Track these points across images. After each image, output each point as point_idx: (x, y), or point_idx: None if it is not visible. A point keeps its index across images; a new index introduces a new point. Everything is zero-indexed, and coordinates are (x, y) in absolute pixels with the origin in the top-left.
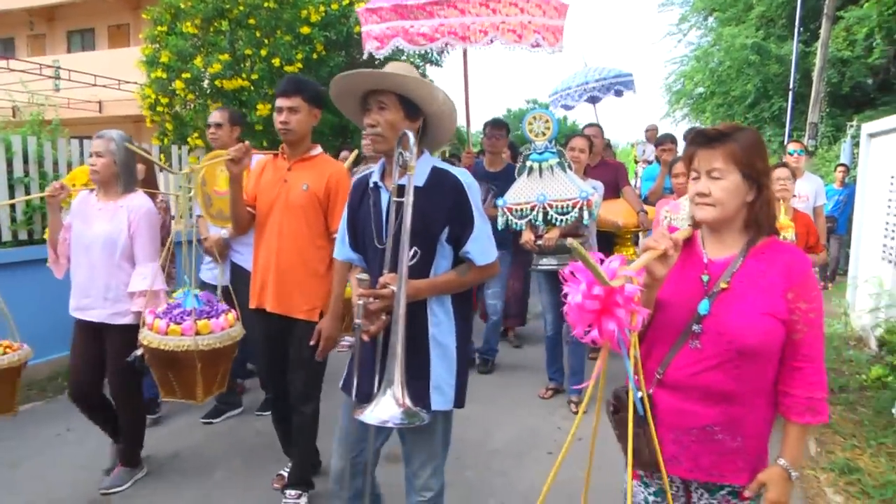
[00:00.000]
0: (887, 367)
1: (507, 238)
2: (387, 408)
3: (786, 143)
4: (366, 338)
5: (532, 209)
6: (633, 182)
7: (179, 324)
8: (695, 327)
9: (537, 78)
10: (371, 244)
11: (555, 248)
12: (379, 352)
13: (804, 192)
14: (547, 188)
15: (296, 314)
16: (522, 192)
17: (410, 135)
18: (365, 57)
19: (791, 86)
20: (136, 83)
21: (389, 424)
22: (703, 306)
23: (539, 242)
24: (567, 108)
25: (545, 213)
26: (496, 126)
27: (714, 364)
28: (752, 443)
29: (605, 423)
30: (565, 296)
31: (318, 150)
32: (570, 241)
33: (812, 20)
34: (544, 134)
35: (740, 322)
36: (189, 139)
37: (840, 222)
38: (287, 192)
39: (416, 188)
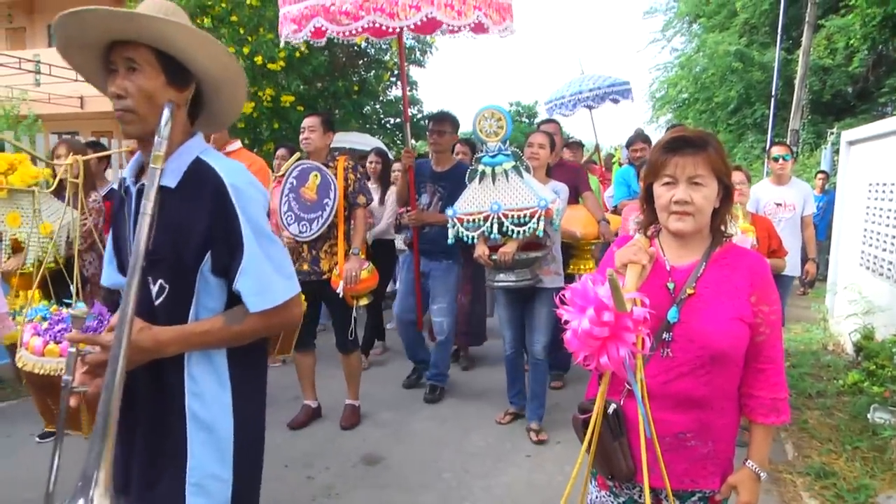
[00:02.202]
0: (863, 373)
1: (454, 247)
2: None
3: (768, 147)
4: (74, 403)
5: (485, 220)
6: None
7: (59, 342)
8: (665, 335)
9: (527, 79)
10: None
11: (512, 262)
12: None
13: (790, 200)
14: (501, 196)
15: None
16: (474, 201)
17: (166, 109)
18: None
19: (773, 93)
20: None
21: None
22: (673, 314)
23: (494, 257)
24: (563, 115)
25: (500, 224)
26: (438, 121)
27: (686, 371)
28: (721, 447)
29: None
30: (567, 322)
31: (237, 144)
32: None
33: (794, 28)
34: (496, 134)
35: (710, 328)
36: None
37: (820, 228)
38: None
39: (166, 190)
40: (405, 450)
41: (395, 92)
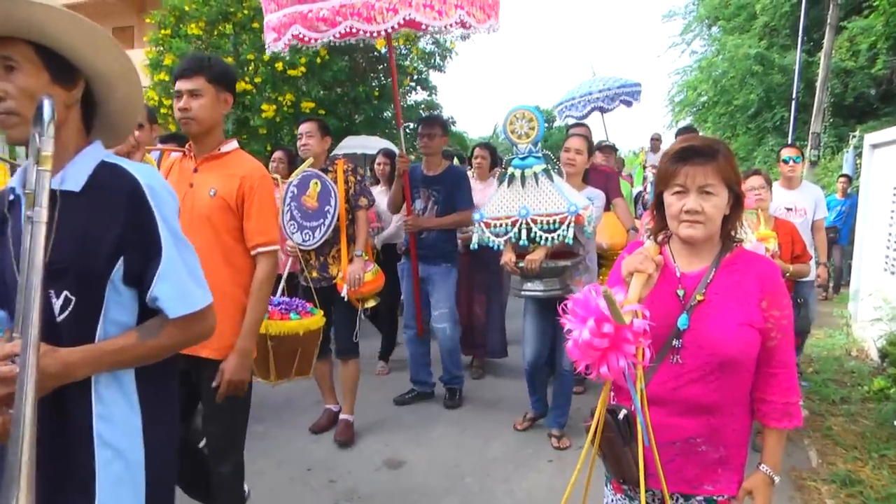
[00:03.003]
0: (889, 379)
1: (452, 251)
2: None
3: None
4: None
5: (513, 225)
6: (642, 188)
7: None
8: (675, 342)
9: (546, 84)
10: (14, 288)
11: (540, 271)
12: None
13: (801, 204)
14: (530, 200)
15: (205, 352)
16: (502, 205)
17: (46, 101)
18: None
19: (794, 96)
20: (142, 87)
21: None
22: (683, 321)
23: (521, 265)
24: (573, 118)
25: (528, 230)
26: (428, 124)
27: (696, 377)
28: (733, 451)
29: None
30: (569, 331)
31: (233, 145)
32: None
33: (815, 30)
34: (528, 135)
35: (720, 334)
36: None
37: (842, 233)
38: (193, 200)
39: (69, 194)
40: (427, 454)
41: (415, 97)
